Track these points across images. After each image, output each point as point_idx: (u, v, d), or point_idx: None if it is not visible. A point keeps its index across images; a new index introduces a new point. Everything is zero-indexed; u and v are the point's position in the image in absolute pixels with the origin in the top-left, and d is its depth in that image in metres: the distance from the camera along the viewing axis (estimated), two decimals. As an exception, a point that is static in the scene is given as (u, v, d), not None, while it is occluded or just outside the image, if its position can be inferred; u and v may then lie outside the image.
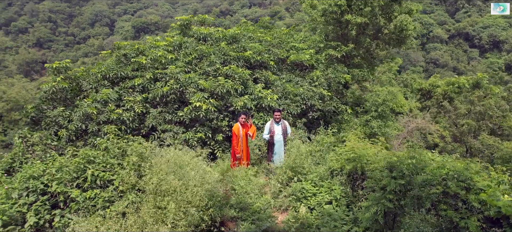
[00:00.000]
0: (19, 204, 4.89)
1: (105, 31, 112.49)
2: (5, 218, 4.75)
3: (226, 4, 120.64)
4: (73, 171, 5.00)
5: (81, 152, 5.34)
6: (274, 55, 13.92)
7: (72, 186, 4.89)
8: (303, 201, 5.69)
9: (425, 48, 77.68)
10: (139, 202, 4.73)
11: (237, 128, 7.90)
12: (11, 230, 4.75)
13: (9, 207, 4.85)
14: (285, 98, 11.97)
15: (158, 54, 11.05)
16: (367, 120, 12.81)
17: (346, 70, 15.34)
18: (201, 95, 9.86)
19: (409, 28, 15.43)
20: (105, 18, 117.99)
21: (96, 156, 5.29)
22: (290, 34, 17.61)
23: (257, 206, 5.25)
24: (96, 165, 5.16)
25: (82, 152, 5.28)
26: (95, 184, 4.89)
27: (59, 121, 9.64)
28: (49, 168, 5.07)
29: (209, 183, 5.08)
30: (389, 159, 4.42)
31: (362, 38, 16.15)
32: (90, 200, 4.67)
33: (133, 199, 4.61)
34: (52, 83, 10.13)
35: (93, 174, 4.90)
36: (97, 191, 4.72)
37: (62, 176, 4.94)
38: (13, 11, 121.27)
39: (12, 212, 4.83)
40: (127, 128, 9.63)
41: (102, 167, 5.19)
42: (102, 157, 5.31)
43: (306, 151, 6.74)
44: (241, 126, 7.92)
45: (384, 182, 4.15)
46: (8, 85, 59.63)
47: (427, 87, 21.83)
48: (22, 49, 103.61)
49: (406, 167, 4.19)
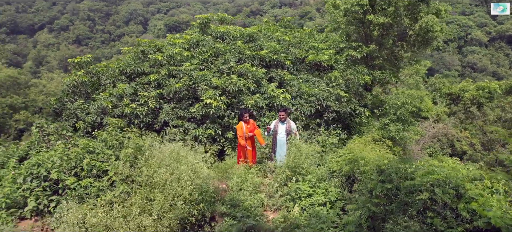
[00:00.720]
0: (23, 189, 5.18)
1: (139, 29, 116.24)
2: (9, 201, 5.04)
3: (256, 4, 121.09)
4: (72, 160, 5.22)
5: (80, 142, 5.57)
6: (292, 55, 13.81)
7: (70, 174, 5.11)
8: (297, 202, 5.61)
9: (461, 51, 74.03)
10: (129, 193, 4.86)
11: (241, 127, 7.89)
12: (13, 212, 5.04)
13: (13, 191, 5.15)
14: (300, 98, 11.84)
15: (174, 51, 11.27)
16: (386, 123, 12.40)
17: (367, 72, 14.94)
18: (213, 92, 9.96)
19: (435, 29, 14.75)
20: (139, 16, 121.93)
21: (96, 147, 5.50)
22: (311, 34, 17.41)
23: (248, 203, 5.23)
24: (95, 155, 5.37)
25: (82, 142, 5.52)
26: (91, 173, 5.08)
27: (78, 114, 10.09)
28: (52, 156, 5.33)
29: (200, 178, 5.12)
30: (379, 162, 4.26)
31: (385, 39, 15.65)
32: (84, 188, 4.87)
33: (124, 189, 4.75)
34: (73, 77, 10.61)
35: (90, 164, 5.10)
36: (91, 180, 4.91)
37: (62, 164, 5.18)
38: (57, 10, 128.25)
39: (15, 196, 5.12)
40: (140, 122, 9.91)
41: (100, 158, 5.39)
42: (101, 148, 5.52)
43: (307, 151, 6.63)
44: (244, 124, 7.90)
45: (371, 185, 4.00)
46: (48, 80, 63.32)
47: (456, 91, 20.83)
48: (63, 45, 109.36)
49: (395, 171, 4.02)
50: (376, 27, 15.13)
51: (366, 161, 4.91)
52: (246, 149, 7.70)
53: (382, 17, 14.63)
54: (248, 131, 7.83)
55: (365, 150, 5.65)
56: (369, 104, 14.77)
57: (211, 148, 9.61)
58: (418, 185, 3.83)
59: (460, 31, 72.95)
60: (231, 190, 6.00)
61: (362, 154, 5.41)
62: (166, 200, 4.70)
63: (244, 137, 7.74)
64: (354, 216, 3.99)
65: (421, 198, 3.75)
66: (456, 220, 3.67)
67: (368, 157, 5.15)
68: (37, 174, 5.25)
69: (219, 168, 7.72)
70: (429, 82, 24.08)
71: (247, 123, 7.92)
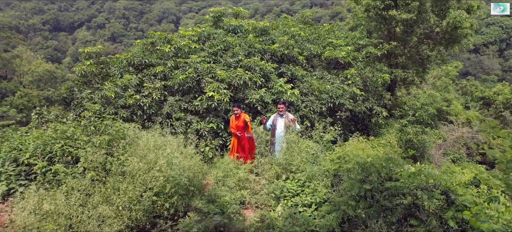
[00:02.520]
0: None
1: (171, 28, 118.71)
2: (-17, 184, 4.96)
3: (287, 4, 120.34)
4: (49, 145, 5.08)
5: (58, 127, 5.42)
6: (307, 51, 13.26)
7: (43, 159, 4.97)
8: (281, 201, 5.17)
9: (503, 55, 69.45)
10: (103, 181, 4.64)
11: (231, 119, 7.48)
12: (-13, 196, 4.96)
13: (-12, 175, 5.07)
14: (311, 94, 11.30)
15: (181, 44, 11.09)
16: (404, 125, 11.59)
17: (388, 70, 14.11)
18: (217, 85, 9.67)
19: (464, 25, 13.67)
20: (171, 15, 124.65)
21: (73, 131, 5.32)
22: (331, 30, 16.72)
23: (225, 200, 4.86)
24: (72, 141, 5.20)
25: (56, 126, 5.37)
26: (63, 159, 4.91)
27: (84, 103, 10.12)
28: (28, 141, 5.23)
29: (174, 169, 4.80)
30: (361, 160, 3.74)
31: (409, 36, 14.73)
32: (54, 174, 4.70)
33: (93, 176, 4.52)
34: (82, 66, 10.68)
35: (63, 149, 4.93)
36: (59, 165, 4.73)
37: (36, 149, 5.05)
38: (95, 9, 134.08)
39: (-10, 179, 5.04)
40: (144, 113, 9.79)
41: (78, 144, 5.21)
42: (79, 134, 5.34)
43: (299, 147, 6.14)
44: (234, 118, 7.49)
45: (348, 184, 3.51)
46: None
47: (490, 95, 19.35)
48: (99, 42, 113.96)
49: (377, 170, 3.49)
50: (398, 23, 14.27)
51: (349, 158, 4.37)
52: (241, 142, 7.30)
53: (405, 13, 13.77)
54: (235, 126, 7.39)
55: (359, 148, 5.10)
56: (389, 105, 13.94)
57: (212, 142, 9.31)
58: (400, 187, 3.28)
59: (502, 33, 68.50)
60: (212, 185, 5.66)
61: (352, 152, 4.87)
62: (134, 191, 4.42)
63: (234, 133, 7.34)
64: (327, 219, 3.51)
65: (404, 202, 3.21)
66: (444, 230, 3.11)
67: (353, 154, 4.60)
68: (15, 158, 5.16)
69: (214, 162, 7.39)
70: (459, 85, 22.51)
71: (237, 118, 7.49)
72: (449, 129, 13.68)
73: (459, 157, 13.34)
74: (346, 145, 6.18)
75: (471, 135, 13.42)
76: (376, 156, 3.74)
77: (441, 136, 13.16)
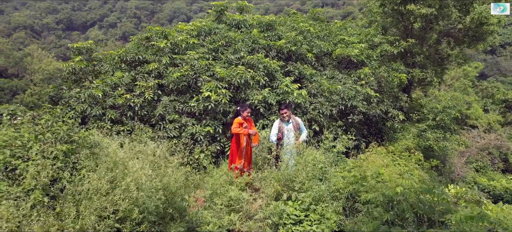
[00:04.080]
0: None
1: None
2: None
3: (297, 4, 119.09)
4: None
5: (2, 132, 4.49)
6: (317, 48, 12.18)
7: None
8: (279, 229, 4.15)
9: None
10: (53, 205, 3.70)
11: (238, 121, 6.41)
12: None
13: None
14: (320, 95, 10.24)
15: (178, 39, 10.15)
16: (423, 129, 10.43)
17: (405, 70, 12.93)
18: (215, 84, 8.70)
19: (491, 21, 12.41)
20: (182, 15, 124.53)
21: (16, 138, 4.35)
22: (344, 27, 15.57)
23: (208, 229, 3.86)
24: (22, 150, 4.26)
25: (3, 132, 4.46)
26: (7, 173, 3.98)
27: (71, 103, 9.27)
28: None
29: (143, 189, 3.82)
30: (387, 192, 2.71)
31: (428, 33, 13.51)
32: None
33: (38, 198, 3.58)
34: (70, 63, 9.84)
35: (5, 161, 3.99)
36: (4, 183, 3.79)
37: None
38: (107, 8, 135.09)
39: None
40: (134, 115, 8.88)
41: (26, 155, 4.24)
42: (27, 141, 4.36)
43: (304, 160, 5.10)
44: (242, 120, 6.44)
45: (365, 220, 2.49)
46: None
47: (515, 98, 17.97)
48: (110, 41, 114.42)
49: (410, 209, 2.45)
50: (417, 19, 13.07)
51: (370, 185, 3.31)
52: (244, 147, 6.27)
53: (425, 7, 12.57)
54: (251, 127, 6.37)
55: (379, 165, 4.05)
56: (405, 107, 12.76)
57: (209, 148, 8.34)
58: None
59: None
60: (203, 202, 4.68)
61: (372, 169, 3.81)
62: (89, 217, 3.47)
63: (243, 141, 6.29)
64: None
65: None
66: None
67: (373, 173, 3.54)
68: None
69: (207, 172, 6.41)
70: (479, 87, 21.06)
71: (248, 122, 6.47)
72: (472, 135, 12.45)
73: (482, 165, 12.11)
74: (361, 157, 5.10)
75: (500, 142, 12.16)
76: (409, 186, 2.69)
77: (463, 143, 11.93)
